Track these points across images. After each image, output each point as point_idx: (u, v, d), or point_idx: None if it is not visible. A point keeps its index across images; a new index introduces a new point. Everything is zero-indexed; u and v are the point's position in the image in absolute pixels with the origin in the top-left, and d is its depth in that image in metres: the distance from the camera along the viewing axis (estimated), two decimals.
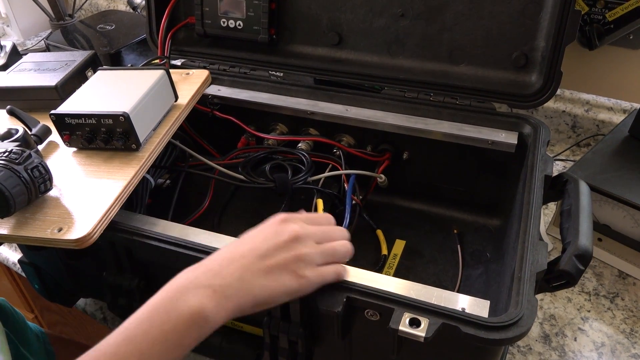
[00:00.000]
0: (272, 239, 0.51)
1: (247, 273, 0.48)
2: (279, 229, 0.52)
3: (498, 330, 0.48)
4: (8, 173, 0.53)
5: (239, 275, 0.48)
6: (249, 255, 0.49)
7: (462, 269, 0.77)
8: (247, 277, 0.48)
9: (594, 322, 0.73)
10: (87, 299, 0.82)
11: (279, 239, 0.51)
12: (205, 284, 0.46)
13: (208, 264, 0.49)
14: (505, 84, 0.79)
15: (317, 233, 0.54)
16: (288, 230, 0.52)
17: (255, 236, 0.52)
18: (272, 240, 0.51)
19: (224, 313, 0.46)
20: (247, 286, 0.48)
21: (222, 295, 0.46)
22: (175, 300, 0.46)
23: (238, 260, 0.49)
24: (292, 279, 0.49)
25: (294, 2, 0.87)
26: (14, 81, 0.75)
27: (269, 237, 0.51)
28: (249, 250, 0.50)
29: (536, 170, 0.65)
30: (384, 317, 0.52)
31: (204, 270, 0.48)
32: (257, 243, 0.51)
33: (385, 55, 0.85)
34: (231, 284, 0.47)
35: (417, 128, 0.78)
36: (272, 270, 0.49)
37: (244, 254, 0.49)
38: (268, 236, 0.51)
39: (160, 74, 0.69)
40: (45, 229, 0.57)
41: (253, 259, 0.49)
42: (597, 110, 1.00)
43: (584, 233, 0.56)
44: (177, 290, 0.46)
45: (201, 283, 0.46)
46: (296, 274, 0.50)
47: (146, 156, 0.64)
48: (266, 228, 0.53)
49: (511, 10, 0.76)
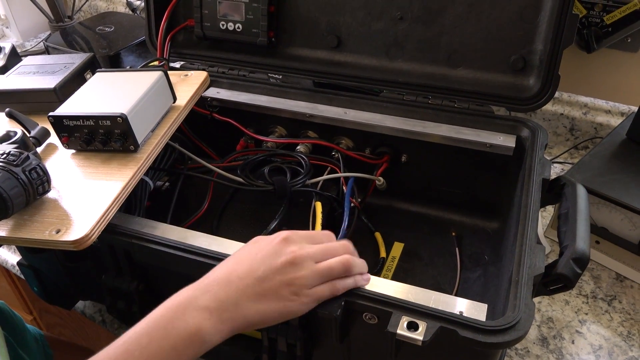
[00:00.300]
0: (269, 260, 0.51)
1: (242, 297, 0.49)
2: (278, 249, 0.52)
3: (495, 333, 0.48)
4: (6, 175, 0.54)
5: (235, 300, 0.48)
6: (246, 277, 0.49)
7: (460, 271, 0.77)
8: (242, 301, 0.49)
9: (591, 325, 0.73)
10: (86, 302, 0.82)
11: (277, 260, 0.51)
12: (203, 305, 0.48)
13: (207, 284, 0.50)
14: (504, 87, 0.79)
15: (317, 253, 0.53)
16: (286, 252, 0.51)
17: (255, 254, 0.52)
18: (270, 262, 0.50)
19: (220, 335, 0.48)
20: (242, 311, 0.49)
21: (219, 319, 0.48)
22: (175, 319, 0.47)
23: (235, 283, 0.49)
24: (287, 303, 0.50)
25: (292, 5, 0.87)
26: (13, 84, 0.75)
27: (267, 258, 0.51)
28: (246, 271, 0.50)
29: (534, 174, 0.65)
30: (382, 321, 0.52)
31: (204, 291, 0.49)
32: (255, 263, 0.50)
33: (384, 58, 0.85)
34: (227, 308, 0.48)
35: (416, 131, 0.78)
36: (268, 294, 0.49)
37: (241, 275, 0.50)
38: (266, 256, 0.51)
39: (158, 75, 0.70)
40: (44, 231, 0.57)
41: (250, 281, 0.49)
42: (595, 113, 1.01)
43: (581, 237, 0.56)
44: (178, 309, 0.47)
45: (200, 305, 0.48)
46: (291, 298, 0.50)
47: (144, 157, 0.64)
48: (265, 246, 0.52)
49: (509, 14, 0.76)
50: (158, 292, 0.69)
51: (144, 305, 0.67)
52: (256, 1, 0.86)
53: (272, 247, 0.52)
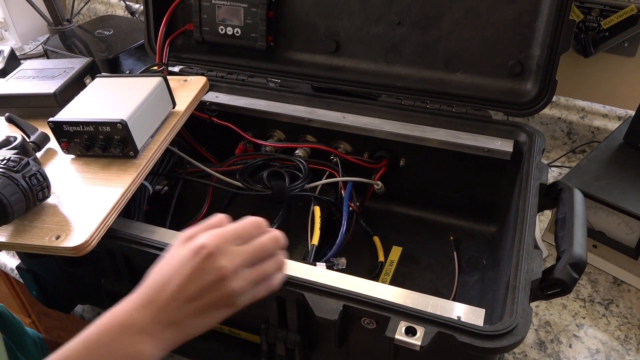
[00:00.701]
0: (198, 279, 0.47)
1: (179, 317, 0.47)
2: (206, 266, 0.47)
3: (493, 339, 0.48)
4: (6, 181, 0.54)
5: (172, 320, 0.47)
6: (178, 297, 0.47)
7: (458, 276, 0.78)
8: (180, 320, 0.47)
9: (588, 329, 0.73)
10: (85, 305, 0.82)
11: (206, 279, 0.47)
12: (141, 328, 0.46)
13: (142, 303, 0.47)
14: (501, 92, 0.79)
15: (248, 259, 0.49)
16: (214, 269, 0.47)
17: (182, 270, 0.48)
18: (199, 281, 0.47)
19: (162, 352, 0.47)
20: (181, 328, 0.47)
21: (159, 340, 0.46)
22: (115, 342, 0.45)
23: (169, 303, 0.47)
24: (225, 311, 0.49)
25: (291, 10, 0.87)
26: (13, 88, 0.75)
27: (196, 277, 0.47)
28: (176, 291, 0.47)
29: (531, 178, 0.66)
30: (380, 326, 0.53)
31: (140, 311, 0.47)
32: (183, 282, 0.47)
33: (382, 63, 0.85)
34: (165, 328, 0.47)
35: (414, 135, 0.78)
36: (204, 310, 0.48)
37: (174, 294, 0.47)
38: (194, 275, 0.47)
39: (158, 81, 0.70)
40: (43, 237, 0.57)
41: (182, 302, 0.47)
42: (593, 117, 1.01)
43: (579, 242, 0.56)
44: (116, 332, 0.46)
45: (138, 328, 0.46)
46: (229, 306, 0.48)
47: (144, 163, 0.65)
48: (190, 261, 0.48)
49: (507, 19, 0.77)
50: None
51: None
52: (255, 6, 0.86)
53: (198, 263, 0.47)
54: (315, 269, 0.58)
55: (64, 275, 0.72)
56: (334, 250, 0.72)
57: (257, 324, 0.63)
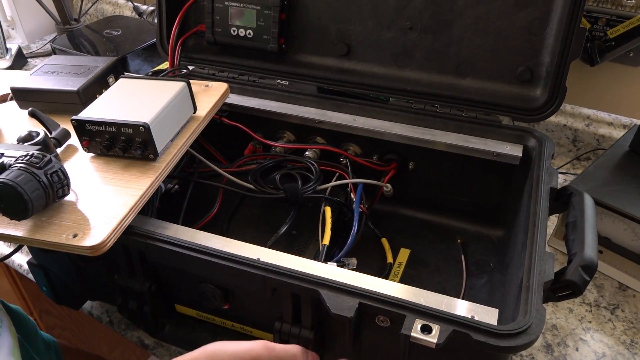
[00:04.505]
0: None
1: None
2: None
3: (508, 337, 0.49)
4: (28, 177, 0.54)
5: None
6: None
7: (466, 278, 0.78)
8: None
9: (595, 333, 0.74)
10: (94, 302, 0.83)
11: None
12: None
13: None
14: (511, 98, 0.80)
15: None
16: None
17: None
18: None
19: None
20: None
21: None
22: None
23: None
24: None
25: (303, 13, 0.88)
26: (37, 83, 0.75)
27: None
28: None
29: (542, 183, 0.67)
30: (394, 324, 0.53)
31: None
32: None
33: (393, 67, 0.86)
34: None
35: (424, 139, 0.79)
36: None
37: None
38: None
39: (181, 85, 0.70)
40: (61, 234, 0.57)
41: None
42: (598, 125, 1.02)
43: (590, 245, 0.57)
44: None
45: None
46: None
47: (163, 167, 0.65)
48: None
49: (517, 26, 0.78)
50: (168, 293, 0.69)
51: (155, 305, 0.67)
52: (268, 8, 0.87)
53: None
54: (329, 267, 0.58)
55: (76, 271, 0.73)
56: (345, 250, 0.73)
57: (268, 322, 0.63)
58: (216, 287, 0.62)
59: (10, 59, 1.41)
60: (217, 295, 0.62)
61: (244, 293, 0.63)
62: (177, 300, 0.70)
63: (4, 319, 0.69)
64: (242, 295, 0.63)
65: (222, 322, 0.68)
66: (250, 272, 0.57)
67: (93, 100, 0.70)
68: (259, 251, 0.60)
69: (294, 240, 0.76)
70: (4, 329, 0.67)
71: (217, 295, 0.62)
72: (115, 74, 0.78)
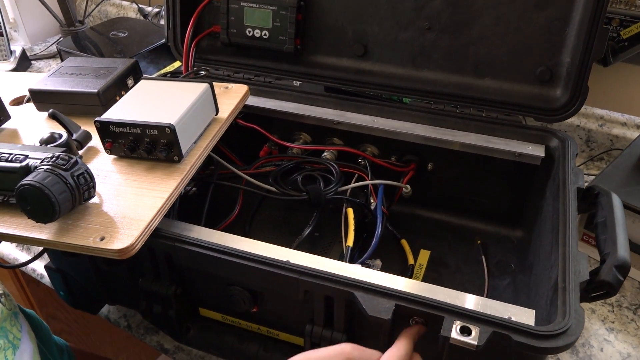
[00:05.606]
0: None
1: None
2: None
3: (548, 339, 0.49)
4: (55, 179, 0.53)
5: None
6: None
7: (489, 279, 0.78)
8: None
9: (618, 334, 0.74)
10: (111, 307, 0.82)
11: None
12: None
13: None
14: (530, 98, 0.80)
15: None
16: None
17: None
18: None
19: None
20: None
21: None
22: None
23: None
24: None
25: (320, 14, 0.88)
26: (56, 85, 0.74)
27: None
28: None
29: (568, 183, 0.67)
30: (430, 326, 0.53)
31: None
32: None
33: (411, 67, 0.86)
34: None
35: (445, 139, 0.79)
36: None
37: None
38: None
39: (204, 87, 0.69)
40: (87, 237, 0.56)
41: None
42: (611, 125, 1.03)
43: (622, 244, 0.57)
44: None
45: None
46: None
47: (187, 169, 0.64)
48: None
49: (537, 26, 0.78)
50: (193, 297, 0.69)
51: (180, 309, 0.66)
52: (284, 9, 0.86)
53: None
54: (360, 269, 0.58)
55: (96, 275, 0.72)
56: (370, 252, 0.72)
57: (297, 325, 0.63)
58: (245, 290, 0.61)
59: (15, 61, 1.40)
60: (245, 298, 0.62)
61: (273, 296, 0.62)
62: (202, 304, 0.69)
63: (23, 324, 0.67)
64: (271, 297, 0.63)
65: (248, 325, 0.68)
66: (282, 275, 0.56)
67: (112, 102, 0.69)
68: (288, 253, 0.59)
69: (317, 242, 0.76)
70: (24, 333, 0.66)
71: (245, 298, 0.62)
72: (134, 76, 0.78)
